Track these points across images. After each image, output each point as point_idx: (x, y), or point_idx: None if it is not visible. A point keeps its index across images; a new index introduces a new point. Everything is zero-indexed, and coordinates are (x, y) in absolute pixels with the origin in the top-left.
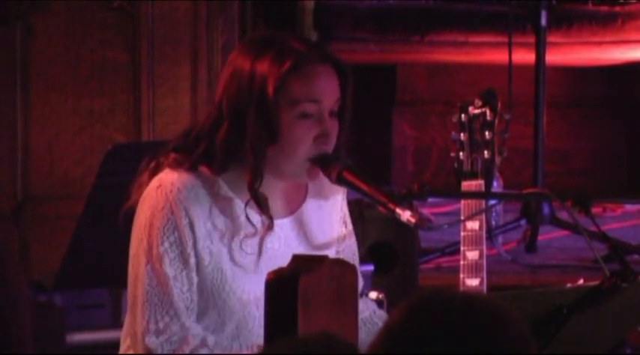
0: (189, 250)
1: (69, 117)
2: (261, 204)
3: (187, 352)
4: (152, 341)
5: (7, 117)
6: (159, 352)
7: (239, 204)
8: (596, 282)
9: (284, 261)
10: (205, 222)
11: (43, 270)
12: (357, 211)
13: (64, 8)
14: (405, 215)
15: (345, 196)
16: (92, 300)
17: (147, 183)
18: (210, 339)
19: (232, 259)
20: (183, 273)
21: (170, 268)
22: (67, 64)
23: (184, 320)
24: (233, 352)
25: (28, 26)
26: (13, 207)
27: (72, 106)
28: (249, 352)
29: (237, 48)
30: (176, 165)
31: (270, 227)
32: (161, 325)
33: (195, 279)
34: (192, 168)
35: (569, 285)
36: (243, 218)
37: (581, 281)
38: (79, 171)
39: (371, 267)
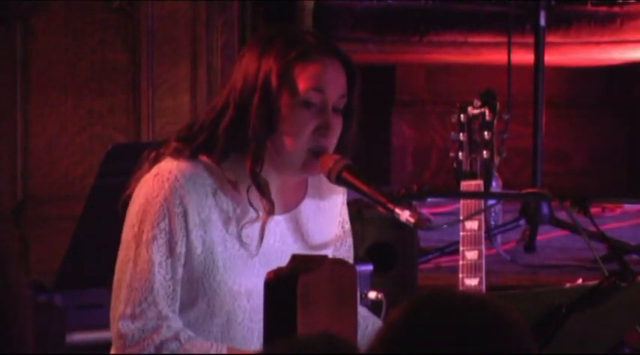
0: (178, 239)
1: (69, 118)
2: (262, 188)
3: (157, 342)
4: (126, 325)
5: (7, 117)
6: (129, 337)
7: (241, 191)
8: (595, 282)
9: (278, 257)
10: (201, 212)
11: (43, 270)
12: (356, 211)
13: (64, 8)
14: (404, 215)
15: (345, 199)
16: (92, 300)
17: (147, 173)
18: (184, 334)
19: (229, 247)
20: (169, 261)
21: (156, 254)
22: (67, 64)
23: (162, 308)
24: (211, 349)
25: (28, 26)
26: (13, 207)
27: (72, 106)
28: (219, 351)
29: (248, 42)
30: (177, 154)
31: (271, 212)
32: (137, 311)
33: (180, 270)
34: (192, 156)
35: (568, 285)
36: (245, 204)
37: (580, 281)
38: (79, 171)
39: (370, 267)
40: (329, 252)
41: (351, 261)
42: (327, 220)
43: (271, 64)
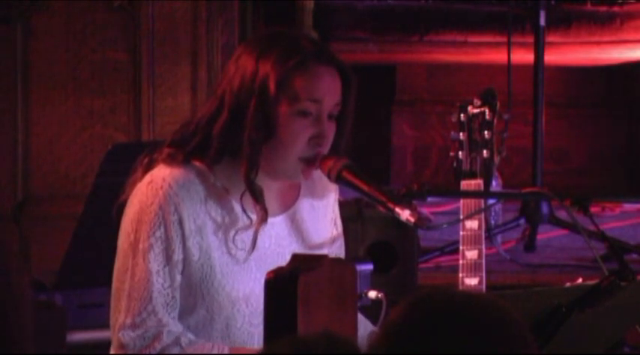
0: (175, 247)
1: (69, 117)
2: (257, 195)
3: (158, 349)
4: (127, 335)
5: (8, 117)
6: (131, 347)
7: (234, 197)
8: (594, 281)
9: (274, 260)
10: (196, 218)
11: (43, 270)
12: (357, 210)
13: (65, 8)
14: (405, 214)
15: (336, 197)
16: (92, 299)
17: (140, 180)
18: (185, 339)
19: (225, 253)
20: (166, 269)
21: (153, 263)
22: (67, 64)
23: (162, 317)
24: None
25: (28, 26)
26: (13, 207)
27: (72, 106)
28: (221, 352)
29: (244, 43)
30: (170, 160)
31: (264, 219)
32: (138, 320)
33: (177, 277)
34: (185, 162)
35: (567, 284)
36: (238, 210)
37: (579, 281)
38: (79, 170)
39: (370, 267)
40: (325, 252)
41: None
42: (321, 219)
43: (269, 71)
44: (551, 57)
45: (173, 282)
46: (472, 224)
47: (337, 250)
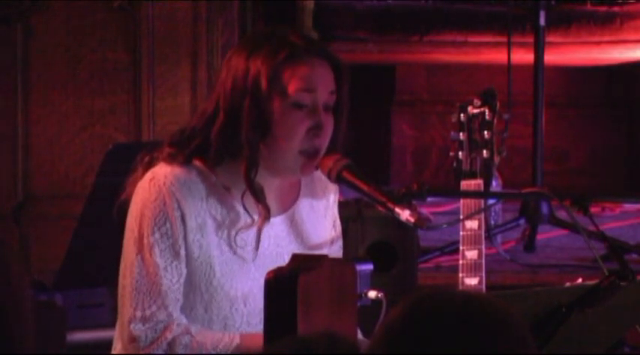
0: (180, 242)
1: (69, 117)
2: (257, 194)
3: (169, 338)
4: (137, 328)
5: (8, 117)
6: (142, 339)
7: (235, 196)
8: (594, 281)
9: (273, 260)
10: (197, 216)
11: (43, 269)
12: (357, 210)
13: (65, 8)
14: (404, 214)
15: (336, 198)
16: (92, 299)
17: (141, 178)
18: (194, 328)
19: (225, 252)
20: (173, 264)
21: (160, 258)
22: (67, 64)
23: (172, 311)
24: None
25: (28, 26)
26: (13, 207)
27: (72, 106)
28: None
29: (235, 45)
30: (170, 160)
31: (267, 217)
32: (148, 313)
33: (184, 271)
34: (186, 162)
35: (567, 284)
36: (239, 209)
37: (579, 281)
38: (79, 170)
39: (370, 267)
40: (324, 252)
41: None
42: (320, 219)
43: (259, 67)
44: (551, 57)
45: (180, 278)
46: (472, 224)
47: (336, 252)
